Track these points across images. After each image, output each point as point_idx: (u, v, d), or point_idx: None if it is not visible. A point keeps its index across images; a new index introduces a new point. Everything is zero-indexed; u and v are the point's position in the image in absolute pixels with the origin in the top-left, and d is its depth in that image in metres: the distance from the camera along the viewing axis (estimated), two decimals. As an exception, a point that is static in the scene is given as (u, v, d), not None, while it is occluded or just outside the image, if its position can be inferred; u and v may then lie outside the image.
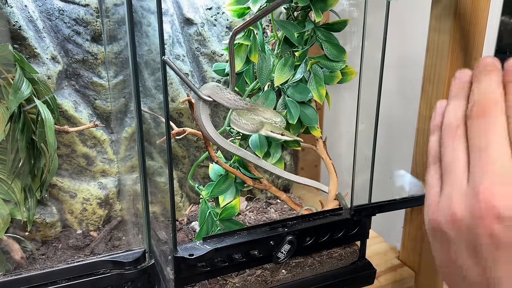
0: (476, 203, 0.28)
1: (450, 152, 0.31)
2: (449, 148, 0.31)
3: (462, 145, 0.31)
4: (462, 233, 0.29)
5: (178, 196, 0.69)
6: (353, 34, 0.56)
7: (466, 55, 0.62)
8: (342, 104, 0.67)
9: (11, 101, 0.46)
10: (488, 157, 0.28)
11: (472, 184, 0.29)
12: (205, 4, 0.64)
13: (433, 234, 0.32)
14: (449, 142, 0.32)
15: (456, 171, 0.30)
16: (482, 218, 0.28)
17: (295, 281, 0.54)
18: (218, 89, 0.44)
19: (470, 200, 0.29)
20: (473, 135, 0.30)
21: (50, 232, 0.60)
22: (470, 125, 0.30)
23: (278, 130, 0.46)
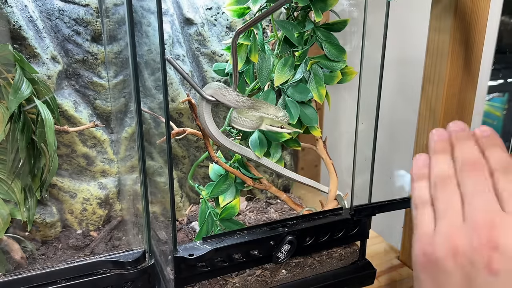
0: (476, 235, 0.32)
1: (446, 196, 0.36)
2: (444, 193, 0.36)
3: (456, 192, 0.36)
4: (461, 265, 0.33)
5: (178, 196, 0.69)
6: (353, 34, 0.56)
7: (466, 55, 0.62)
8: (342, 104, 0.67)
9: (11, 101, 0.46)
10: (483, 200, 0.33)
11: (470, 220, 0.33)
12: (205, 4, 0.64)
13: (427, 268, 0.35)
14: (444, 188, 0.36)
15: (453, 211, 0.35)
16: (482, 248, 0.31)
17: (295, 281, 0.54)
18: (221, 89, 0.44)
19: (470, 234, 0.32)
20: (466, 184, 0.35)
21: (50, 232, 0.60)
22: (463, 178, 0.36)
23: (277, 124, 0.46)
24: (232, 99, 0.45)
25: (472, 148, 0.37)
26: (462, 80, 0.63)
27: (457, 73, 0.63)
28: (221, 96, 0.44)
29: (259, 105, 0.47)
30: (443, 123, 0.64)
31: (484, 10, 0.61)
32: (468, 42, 0.61)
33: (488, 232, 0.32)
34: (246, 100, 0.46)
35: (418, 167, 0.40)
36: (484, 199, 0.34)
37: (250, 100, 0.46)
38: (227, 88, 0.45)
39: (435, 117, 0.65)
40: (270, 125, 0.46)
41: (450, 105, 0.64)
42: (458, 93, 0.64)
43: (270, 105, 0.48)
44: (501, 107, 0.91)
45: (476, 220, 0.33)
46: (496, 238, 0.31)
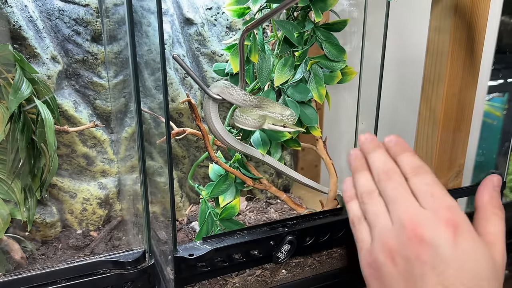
0: (404, 233, 0.36)
1: (373, 208, 0.40)
2: (371, 205, 0.40)
3: (381, 201, 0.40)
4: (399, 263, 0.37)
5: (178, 196, 0.69)
6: (353, 34, 0.56)
7: (466, 55, 0.62)
8: (342, 104, 0.67)
9: (11, 101, 0.46)
10: (404, 203, 0.38)
11: (397, 222, 0.37)
12: (205, 4, 0.64)
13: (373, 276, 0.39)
14: (369, 201, 0.41)
15: (381, 218, 0.39)
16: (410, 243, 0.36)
17: (295, 281, 0.54)
18: (228, 87, 0.44)
19: (399, 233, 0.37)
20: (387, 193, 0.39)
21: (50, 232, 0.60)
22: (382, 187, 0.40)
23: (280, 123, 0.46)
24: (239, 98, 0.45)
25: (383, 158, 0.42)
26: (462, 80, 0.63)
27: (457, 73, 0.63)
28: (228, 94, 0.44)
29: (266, 103, 0.47)
30: (443, 123, 0.64)
31: (484, 10, 0.61)
32: (468, 42, 0.61)
33: (413, 228, 0.36)
34: (253, 99, 0.46)
35: (346, 190, 0.45)
36: (404, 201, 0.38)
37: (257, 99, 0.46)
38: (234, 87, 0.45)
39: (435, 117, 0.65)
40: (273, 124, 0.46)
41: (450, 105, 0.64)
42: (458, 93, 0.64)
43: (277, 103, 0.48)
44: (501, 107, 0.91)
45: (402, 221, 0.37)
46: (420, 233, 0.36)
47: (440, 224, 0.36)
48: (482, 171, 0.80)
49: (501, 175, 0.75)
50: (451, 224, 0.36)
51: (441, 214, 0.36)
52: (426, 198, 0.38)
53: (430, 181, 0.39)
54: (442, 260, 0.35)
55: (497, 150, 0.85)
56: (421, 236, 0.36)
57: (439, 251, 0.35)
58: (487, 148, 0.88)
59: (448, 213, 0.36)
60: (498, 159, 0.81)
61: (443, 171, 0.68)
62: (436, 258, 0.35)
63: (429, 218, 0.36)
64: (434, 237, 0.35)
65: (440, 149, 0.66)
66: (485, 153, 0.88)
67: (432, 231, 0.36)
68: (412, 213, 0.37)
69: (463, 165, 0.70)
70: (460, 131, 0.67)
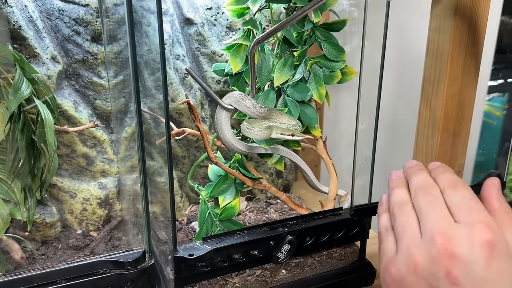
0: (433, 247, 0.34)
1: (403, 219, 0.39)
2: (401, 216, 0.39)
3: (413, 213, 0.39)
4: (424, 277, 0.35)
5: (178, 196, 0.69)
6: (353, 34, 0.56)
7: (466, 55, 0.62)
8: (342, 104, 0.67)
9: (11, 101, 0.46)
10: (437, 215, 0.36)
11: (427, 235, 0.35)
12: (205, 4, 0.64)
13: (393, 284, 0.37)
14: (399, 212, 0.40)
15: (410, 230, 0.37)
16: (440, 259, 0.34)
17: (295, 281, 0.54)
18: (240, 98, 0.46)
19: (428, 247, 0.35)
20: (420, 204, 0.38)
21: (50, 232, 0.60)
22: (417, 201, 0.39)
23: (287, 132, 0.47)
24: (251, 108, 0.46)
25: (423, 176, 0.41)
26: (462, 80, 0.63)
27: (457, 73, 0.63)
28: (241, 105, 0.46)
29: (274, 114, 0.49)
30: (443, 123, 0.64)
31: (484, 10, 0.61)
32: (468, 42, 0.61)
33: (443, 243, 0.34)
34: (264, 110, 0.47)
35: (380, 204, 0.44)
36: (437, 214, 0.36)
37: (267, 110, 0.48)
38: (247, 97, 0.46)
39: (435, 117, 0.65)
40: (281, 133, 0.47)
41: (450, 105, 0.64)
42: (458, 93, 0.64)
43: (284, 114, 0.50)
44: (501, 107, 0.91)
45: (432, 234, 0.35)
46: (452, 248, 0.33)
47: (475, 240, 0.33)
48: (482, 171, 0.79)
49: (501, 175, 0.75)
50: (487, 241, 0.33)
51: (477, 230, 0.34)
52: (461, 211, 0.36)
53: (468, 195, 0.37)
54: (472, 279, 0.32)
55: (497, 150, 0.85)
56: (452, 251, 0.33)
57: (471, 269, 0.33)
58: (487, 148, 0.88)
59: (484, 229, 0.34)
60: (498, 159, 0.81)
61: (443, 171, 0.68)
62: (466, 276, 0.33)
63: (463, 233, 0.34)
64: (467, 253, 0.33)
65: (440, 149, 0.66)
66: (485, 153, 0.88)
67: (466, 247, 0.33)
68: (444, 226, 0.35)
69: (463, 165, 0.70)
70: (460, 131, 0.67)
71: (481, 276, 0.32)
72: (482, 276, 0.32)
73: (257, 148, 0.52)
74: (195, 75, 0.44)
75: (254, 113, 0.47)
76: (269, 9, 0.52)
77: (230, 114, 0.47)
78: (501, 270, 0.33)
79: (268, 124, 0.47)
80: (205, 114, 0.68)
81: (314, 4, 0.43)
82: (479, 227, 0.34)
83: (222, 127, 0.47)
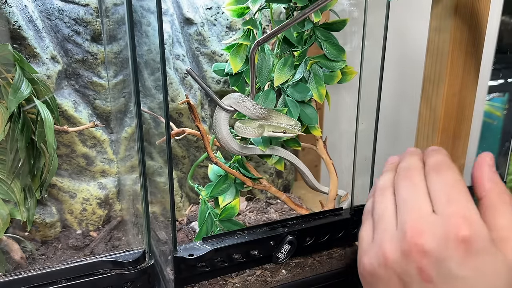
0: (404, 241, 0.32)
1: (380, 206, 0.36)
2: (380, 203, 0.36)
3: (391, 200, 0.36)
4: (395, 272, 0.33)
5: (178, 196, 0.69)
6: (353, 34, 0.56)
7: (466, 55, 0.62)
8: (342, 104, 0.67)
9: (10, 101, 0.46)
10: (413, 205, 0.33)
11: (401, 225, 0.33)
12: (205, 4, 0.64)
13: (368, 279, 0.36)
14: (379, 198, 0.37)
15: (386, 219, 0.35)
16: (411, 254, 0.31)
17: (295, 281, 0.54)
18: (240, 99, 0.46)
19: (399, 241, 0.33)
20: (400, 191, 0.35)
21: (50, 232, 0.60)
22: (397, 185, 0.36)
23: (279, 130, 0.47)
24: (251, 109, 0.46)
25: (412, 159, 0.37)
26: (462, 80, 0.63)
27: (457, 73, 0.63)
28: (240, 106, 0.46)
29: (274, 115, 0.49)
30: (443, 122, 0.64)
31: (484, 10, 0.61)
32: (469, 42, 0.61)
33: (414, 237, 0.31)
34: (263, 111, 0.47)
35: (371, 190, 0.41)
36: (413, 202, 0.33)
37: (265, 110, 0.48)
38: (247, 98, 0.46)
39: (436, 117, 0.65)
40: (272, 131, 0.47)
41: (450, 105, 0.64)
42: (458, 93, 0.64)
43: (282, 114, 0.50)
44: (501, 107, 0.91)
45: (404, 226, 0.32)
46: (423, 243, 0.31)
47: (449, 236, 0.30)
48: (482, 171, 0.79)
49: (501, 175, 0.75)
50: (462, 238, 0.30)
51: (453, 224, 0.30)
52: (440, 201, 0.32)
53: (451, 181, 0.33)
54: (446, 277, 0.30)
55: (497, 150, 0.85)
56: (422, 247, 0.31)
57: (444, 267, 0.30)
58: (487, 148, 0.88)
59: (461, 224, 0.30)
60: (499, 159, 0.81)
61: (443, 171, 0.68)
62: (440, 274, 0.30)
63: (437, 227, 0.31)
64: (439, 250, 0.30)
65: (440, 149, 0.66)
66: (485, 153, 0.88)
67: (438, 243, 0.31)
68: (418, 218, 0.32)
69: (463, 165, 0.70)
70: (461, 131, 0.67)
71: (456, 274, 0.30)
72: (457, 274, 0.30)
73: (255, 149, 0.52)
74: (196, 76, 0.44)
75: (254, 114, 0.47)
76: (269, 9, 0.52)
77: (229, 115, 0.47)
78: (479, 267, 0.30)
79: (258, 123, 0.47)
80: (205, 114, 0.68)
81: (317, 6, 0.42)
82: (455, 222, 0.31)
83: (220, 128, 0.47)
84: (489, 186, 0.34)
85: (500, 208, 0.33)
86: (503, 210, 0.33)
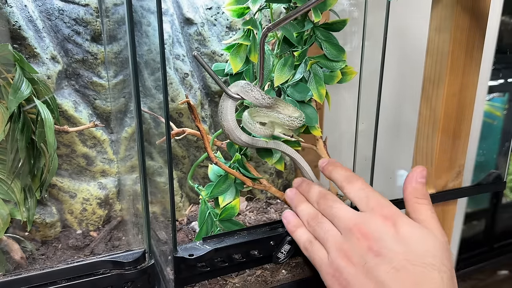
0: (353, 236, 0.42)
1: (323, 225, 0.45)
2: (319, 225, 0.46)
3: (326, 220, 0.46)
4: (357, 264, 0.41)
5: (178, 196, 0.69)
6: (353, 34, 0.56)
7: (466, 55, 0.62)
8: (342, 104, 0.67)
9: (10, 101, 0.46)
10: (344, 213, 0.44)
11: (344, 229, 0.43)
12: (205, 4, 0.64)
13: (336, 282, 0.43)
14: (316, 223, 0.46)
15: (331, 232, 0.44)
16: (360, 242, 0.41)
17: (295, 281, 0.54)
18: (247, 87, 0.45)
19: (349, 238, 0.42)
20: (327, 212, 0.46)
21: (50, 232, 0.60)
22: (322, 209, 0.47)
23: (288, 133, 0.48)
24: (260, 98, 0.46)
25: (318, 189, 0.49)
26: (462, 80, 0.63)
27: (458, 73, 0.63)
28: (245, 93, 0.45)
29: (279, 104, 0.49)
30: (443, 122, 0.64)
31: (484, 10, 0.61)
32: (469, 42, 0.61)
33: (359, 229, 0.42)
34: (270, 99, 0.47)
35: (290, 221, 0.50)
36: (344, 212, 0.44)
37: (272, 99, 0.47)
38: (254, 86, 0.45)
39: (436, 117, 0.65)
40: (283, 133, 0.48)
41: (450, 105, 0.64)
42: (458, 93, 0.64)
43: (289, 104, 0.50)
44: (501, 107, 0.91)
45: (348, 227, 0.43)
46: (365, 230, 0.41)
47: (377, 218, 0.42)
48: (483, 171, 0.80)
49: (501, 175, 0.75)
50: (388, 217, 0.41)
51: (377, 212, 0.42)
52: (362, 202, 0.44)
53: (362, 186, 0.45)
54: (388, 246, 0.40)
55: (497, 150, 0.85)
56: (366, 233, 0.41)
57: (383, 240, 0.40)
58: (488, 148, 0.88)
59: (383, 210, 0.42)
60: (499, 159, 0.81)
61: (443, 171, 0.68)
62: (383, 246, 0.40)
63: (369, 218, 0.42)
64: (377, 229, 0.41)
65: (440, 149, 0.66)
66: (485, 153, 0.88)
67: (374, 226, 0.41)
68: (354, 218, 0.43)
69: (463, 165, 0.70)
70: (461, 131, 0.67)
71: (393, 243, 0.40)
72: (394, 243, 0.40)
73: (258, 141, 0.52)
74: (203, 62, 0.43)
75: (262, 104, 0.46)
76: (269, 9, 0.52)
77: (236, 103, 0.47)
78: (408, 234, 0.40)
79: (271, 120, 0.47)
80: (205, 114, 0.68)
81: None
82: (378, 209, 0.42)
83: (226, 116, 0.46)
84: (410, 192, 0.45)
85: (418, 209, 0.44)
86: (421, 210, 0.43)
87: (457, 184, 0.70)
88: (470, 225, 1.15)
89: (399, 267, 0.39)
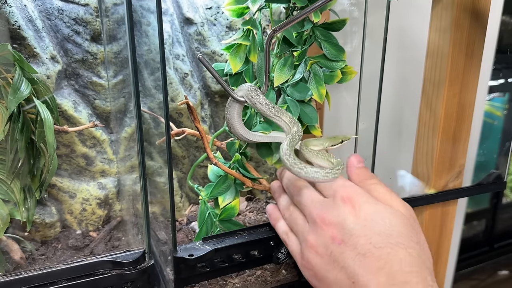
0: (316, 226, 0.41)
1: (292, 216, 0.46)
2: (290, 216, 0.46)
3: (296, 210, 0.46)
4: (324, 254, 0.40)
5: (178, 196, 0.69)
6: (353, 34, 0.56)
7: (467, 55, 0.62)
8: (342, 104, 0.67)
9: (10, 101, 0.46)
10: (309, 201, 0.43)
11: (310, 219, 0.43)
12: (205, 4, 0.64)
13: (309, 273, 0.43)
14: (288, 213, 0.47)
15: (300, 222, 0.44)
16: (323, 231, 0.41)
17: (295, 281, 0.54)
18: (253, 92, 0.45)
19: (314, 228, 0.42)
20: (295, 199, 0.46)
21: (50, 232, 0.60)
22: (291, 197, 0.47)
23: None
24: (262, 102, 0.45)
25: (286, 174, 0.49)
26: (462, 80, 0.63)
27: (458, 73, 0.63)
28: (251, 98, 0.45)
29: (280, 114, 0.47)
30: (443, 123, 0.64)
31: (484, 10, 0.61)
32: (469, 42, 0.61)
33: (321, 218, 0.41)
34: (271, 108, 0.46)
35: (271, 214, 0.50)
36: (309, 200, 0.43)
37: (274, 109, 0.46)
38: (258, 91, 0.45)
39: (436, 117, 0.65)
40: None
41: (451, 105, 0.64)
42: (458, 93, 0.64)
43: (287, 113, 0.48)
44: (501, 107, 0.91)
45: (312, 217, 0.42)
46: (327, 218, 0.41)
47: (337, 202, 0.41)
48: (483, 171, 0.79)
49: (502, 175, 0.75)
50: (347, 199, 0.40)
51: (338, 195, 0.41)
52: (326, 188, 0.43)
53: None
54: (350, 232, 0.39)
55: (497, 150, 0.85)
56: (327, 221, 0.40)
57: (345, 226, 0.39)
58: (488, 148, 0.88)
59: (342, 192, 0.41)
60: (499, 159, 0.81)
61: (444, 171, 0.68)
62: (345, 233, 0.39)
63: (329, 203, 0.41)
64: (337, 215, 0.40)
65: (441, 149, 0.66)
66: (486, 153, 0.88)
67: (335, 211, 0.40)
68: (317, 207, 0.42)
69: (463, 165, 0.70)
70: (461, 131, 0.67)
71: (354, 227, 0.39)
72: (355, 226, 0.39)
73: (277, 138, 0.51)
74: (208, 64, 0.43)
75: (262, 108, 0.45)
76: (269, 9, 0.52)
77: (242, 106, 0.46)
78: (369, 215, 0.39)
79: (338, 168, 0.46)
80: (205, 114, 0.68)
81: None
82: (337, 190, 0.41)
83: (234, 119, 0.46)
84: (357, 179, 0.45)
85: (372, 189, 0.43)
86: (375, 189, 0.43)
87: (457, 184, 0.70)
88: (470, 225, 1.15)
89: (364, 251, 0.37)
